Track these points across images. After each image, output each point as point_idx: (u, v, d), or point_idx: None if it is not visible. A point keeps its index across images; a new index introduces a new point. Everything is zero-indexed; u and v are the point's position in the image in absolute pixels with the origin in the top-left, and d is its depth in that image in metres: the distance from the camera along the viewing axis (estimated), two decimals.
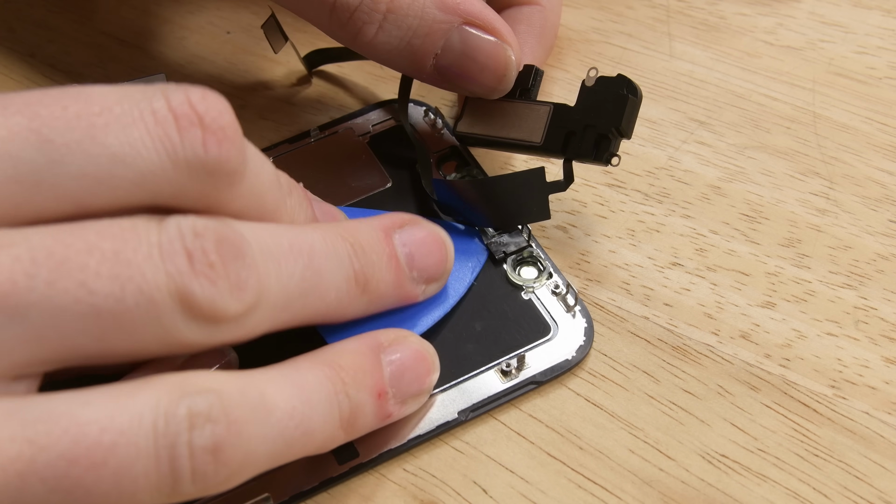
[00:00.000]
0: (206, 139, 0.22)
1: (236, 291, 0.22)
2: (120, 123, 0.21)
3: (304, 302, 0.24)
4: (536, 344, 0.29)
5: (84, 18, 0.40)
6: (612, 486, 0.27)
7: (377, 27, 0.30)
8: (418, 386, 0.26)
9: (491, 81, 0.31)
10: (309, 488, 0.27)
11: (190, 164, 0.22)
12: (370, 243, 0.26)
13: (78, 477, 0.20)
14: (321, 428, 0.24)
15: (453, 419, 0.28)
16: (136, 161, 0.21)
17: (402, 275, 0.27)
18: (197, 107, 0.22)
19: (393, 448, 0.27)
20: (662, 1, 0.39)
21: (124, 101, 0.22)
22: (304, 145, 0.34)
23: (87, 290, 0.21)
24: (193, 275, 0.21)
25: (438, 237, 0.28)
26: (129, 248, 0.21)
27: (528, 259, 0.31)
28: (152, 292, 0.21)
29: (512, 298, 0.30)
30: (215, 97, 0.22)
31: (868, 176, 0.34)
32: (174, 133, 0.22)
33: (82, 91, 0.22)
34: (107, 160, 0.21)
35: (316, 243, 0.25)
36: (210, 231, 0.22)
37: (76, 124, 0.21)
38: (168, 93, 0.22)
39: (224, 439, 0.21)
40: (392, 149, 0.34)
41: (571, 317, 0.30)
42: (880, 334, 0.30)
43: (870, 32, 0.38)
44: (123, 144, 0.21)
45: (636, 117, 0.30)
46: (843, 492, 0.27)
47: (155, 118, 0.22)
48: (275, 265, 0.23)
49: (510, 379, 0.29)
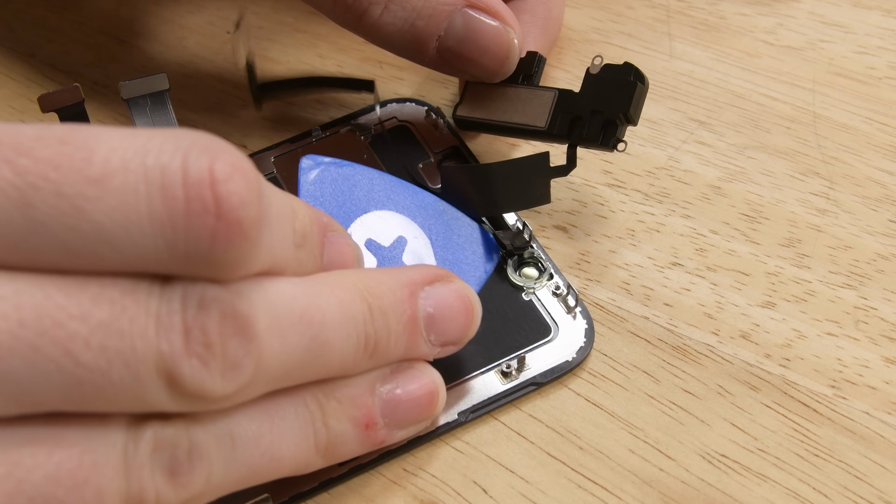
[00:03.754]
0: (216, 231, 0.19)
1: (229, 373, 0.20)
2: (117, 198, 0.19)
3: (304, 371, 0.23)
4: (537, 345, 0.29)
5: (84, 18, 0.40)
6: (612, 486, 0.27)
7: (382, 7, 0.30)
8: (417, 416, 0.25)
9: (493, 64, 0.31)
10: (308, 489, 0.27)
11: (189, 256, 0.19)
12: (392, 305, 0.24)
13: None
14: (292, 455, 0.23)
15: (453, 420, 0.28)
16: (125, 246, 0.19)
17: (417, 339, 0.25)
18: (218, 187, 0.19)
19: (393, 449, 0.27)
20: (662, 1, 0.39)
21: (130, 168, 0.19)
22: (306, 144, 0.35)
23: (73, 361, 0.19)
24: (186, 354, 0.19)
25: (468, 300, 0.26)
26: (125, 318, 0.19)
27: (528, 260, 0.31)
28: (139, 368, 0.19)
29: (513, 299, 0.30)
30: (244, 175, 0.19)
31: (868, 176, 0.34)
32: (180, 219, 0.19)
33: (85, 143, 0.19)
34: (93, 240, 0.19)
35: (330, 311, 0.22)
36: (216, 305, 0.20)
37: (65, 192, 0.18)
38: (189, 159, 0.19)
39: (183, 464, 0.21)
40: (394, 148, 0.34)
41: (572, 318, 0.30)
42: (880, 334, 0.30)
43: (870, 32, 0.38)
44: (116, 226, 0.19)
45: (643, 104, 0.30)
46: (843, 492, 0.27)
47: (162, 196, 0.19)
48: (279, 339, 0.21)
49: (510, 380, 0.29)
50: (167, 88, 0.29)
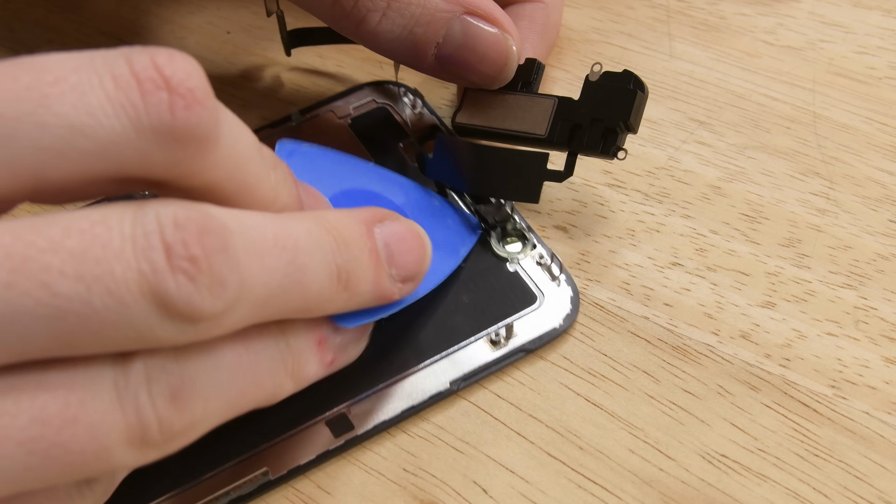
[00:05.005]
0: (172, 102, 0.20)
1: (216, 289, 0.21)
2: (77, 92, 0.20)
3: (286, 298, 0.23)
4: (524, 313, 0.30)
5: (84, 18, 0.40)
6: (612, 486, 0.27)
7: (381, 15, 0.30)
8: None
9: (492, 71, 0.31)
10: (306, 462, 0.27)
11: (155, 130, 0.20)
12: (353, 237, 0.25)
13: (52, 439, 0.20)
14: (268, 376, 0.24)
15: (445, 389, 0.29)
16: (95, 130, 0.20)
17: (381, 272, 0.26)
18: (163, 69, 0.20)
19: (387, 419, 0.28)
20: (662, 1, 0.39)
21: (82, 69, 0.20)
22: (286, 128, 0.35)
23: (49, 292, 0.19)
24: (170, 271, 0.20)
25: (418, 235, 0.27)
26: (97, 245, 0.20)
27: (512, 232, 0.32)
28: (121, 293, 0.20)
29: (498, 270, 0.31)
30: (183, 58, 0.21)
31: (868, 176, 0.34)
32: (137, 98, 0.20)
33: (36, 60, 0.20)
34: (63, 131, 0.20)
35: (301, 237, 0.23)
36: (192, 221, 0.20)
37: (28, 95, 0.20)
38: (131, 56, 0.20)
39: (181, 389, 0.21)
40: (373, 130, 0.35)
41: (557, 286, 0.30)
42: (880, 334, 0.30)
43: (870, 32, 0.38)
44: (81, 114, 0.20)
45: (643, 112, 0.30)
46: (843, 492, 0.27)
47: (115, 83, 0.20)
48: (257, 260, 0.22)
49: (499, 348, 0.29)
50: None
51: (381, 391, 0.28)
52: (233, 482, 0.27)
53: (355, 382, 0.28)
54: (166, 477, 0.27)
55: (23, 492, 0.21)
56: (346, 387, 0.28)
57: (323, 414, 0.28)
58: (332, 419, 0.28)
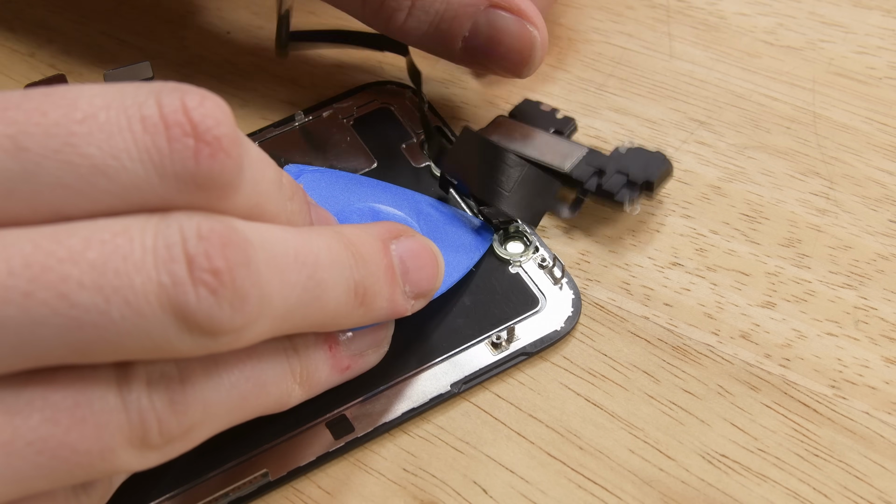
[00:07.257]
0: (198, 150, 0.20)
1: (238, 303, 0.20)
2: (104, 133, 0.20)
3: (304, 312, 0.23)
4: (525, 316, 0.30)
5: (84, 18, 0.40)
6: (612, 486, 0.27)
7: (406, 13, 0.31)
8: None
9: (517, 62, 0.32)
10: (306, 463, 0.27)
11: (178, 177, 0.20)
12: (370, 253, 0.25)
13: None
14: (274, 382, 0.24)
15: (446, 392, 0.29)
16: (119, 173, 0.20)
17: (396, 288, 0.26)
18: (192, 113, 0.20)
19: (388, 422, 0.28)
20: (662, 1, 0.39)
21: (112, 107, 0.20)
22: (290, 129, 0.35)
23: (67, 303, 0.19)
24: (192, 284, 0.20)
25: (431, 251, 0.27)
26: (118, 256, 0.20)
27: (514, 234, 0.32)
28: (140, 304, 0.20)
29: (500, 273, 0.31)
30: (214, 102, 0.21)
31: (868, 176, 0.34)
32: (163, 143, 0.20)
33: (66, 94, 0.20)
34: (87, 171, 0.20)
35: (321, 252, 0.24)
36: (216, 233, 0.20)
37: (55, 132, 0.20)
38: (162, 97, 0.21)
39: (179, 392, 0.21)
40: (376, 130, 0.35)
41: (559, 289, 0.30)
42: (880, 334, 0.30)
43: (870, 32, 0.38)
44: (106, 156, 0.20)
45: (665, 184, 0.32)
46: (843, 492, 0.27)
47: (143, 126, 0.20)
48: (279, 274, 0.22)
49: (501, 351, 0.29)
50: (151, 77, 0.30)
51: (382, 393, 0.28)
52: (233, 483, 0.27)
53: (356, 385, 0.28)
54: (166, 478, 0.27)
55: (27, 495, 0.21)
56: (346, 389, 0.28)
57: (323, 416, 0.28)
58: (333, 421, 0.28)
